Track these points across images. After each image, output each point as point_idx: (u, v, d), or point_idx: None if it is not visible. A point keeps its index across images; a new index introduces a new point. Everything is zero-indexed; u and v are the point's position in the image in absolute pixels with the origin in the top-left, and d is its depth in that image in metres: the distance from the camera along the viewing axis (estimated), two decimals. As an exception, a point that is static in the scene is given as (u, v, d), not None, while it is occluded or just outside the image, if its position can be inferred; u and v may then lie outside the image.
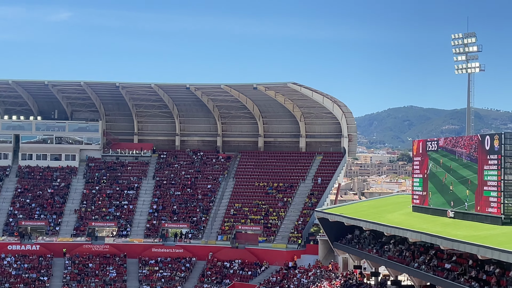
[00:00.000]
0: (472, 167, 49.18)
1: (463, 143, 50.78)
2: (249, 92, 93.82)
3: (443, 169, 53.56)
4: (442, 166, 53.66)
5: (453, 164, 51.96)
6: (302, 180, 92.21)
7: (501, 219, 45.44)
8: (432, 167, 55.30)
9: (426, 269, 49.75)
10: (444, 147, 53.79)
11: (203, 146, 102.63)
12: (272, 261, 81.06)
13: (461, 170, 50.68)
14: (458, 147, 51.33)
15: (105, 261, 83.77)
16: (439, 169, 54.25)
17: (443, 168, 53.50)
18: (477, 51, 79.52)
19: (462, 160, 50.47)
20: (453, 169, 51.87)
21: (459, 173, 50.91)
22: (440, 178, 53.99)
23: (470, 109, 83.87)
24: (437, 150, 54.91)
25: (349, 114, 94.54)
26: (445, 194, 53.28)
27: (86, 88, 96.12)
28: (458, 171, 51.04)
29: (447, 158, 52.91)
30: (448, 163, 52.72)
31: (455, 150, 51.80)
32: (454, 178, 51.45)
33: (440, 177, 53.99)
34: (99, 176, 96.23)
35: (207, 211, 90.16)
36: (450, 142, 53.20)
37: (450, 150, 52.59)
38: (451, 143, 52.96)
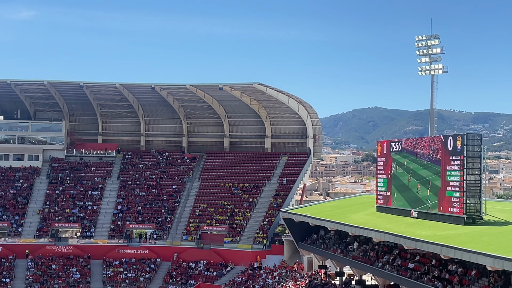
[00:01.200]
0: (432, 168, 49.73)
1: (423, 144, 51.34)
2: (214, 92, 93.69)
3: (404, 170, 54.08)
4: (403, 167, 54.20)
5: (413, 165, 52.53)
6: (268, 181, 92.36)
7: (463, 219, 45.97)
8: (396, 167, 55.76)
9: (390, 268, 50.13)
10: (405, 148, 54.32)
11: (168, 147, 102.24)
12: (238, 262, 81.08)
13: (421, 171, 51.25)
14: (418, 148, 51.87)
15: (68, 262, 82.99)
16: (401, 170, 54.74)
17: (404, 169, 54.03)
18: (440, 53, 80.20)
19: (422, 161, 51.00)
20: (413, 170, 52.41)
21: (420, 174, 51.46)
22: (403, 179, 54.47)
23: (433, 110, 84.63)
24: (401, 151, 55.41)
25: (314, 114, 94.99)
26: (408, 195, 53.76)
27: (50, 88, 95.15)
28: (419, 172, 51.58)
29: (408, 159, 53.43)
30: (409, 164, 53.27)
31: (415, 152, 52.33)
32: (415, 179, 51.99)
33: (403, 177, 54.49)
34: (62, 177, 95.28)
35: (172, 212, 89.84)
36: (411, 143, 53.71)
37: (411, 151, 53.14)
38: (411, 144, 53.49)
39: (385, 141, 59.93)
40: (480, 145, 45.95)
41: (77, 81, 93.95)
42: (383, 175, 58.29)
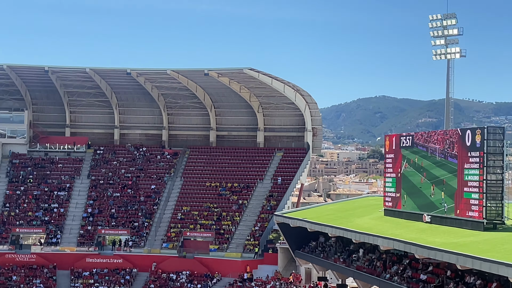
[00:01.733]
0: (446, 166, 49.67)
1: (437, 138, 51.20)
2: (199, 79, 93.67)
3: (414, 168, 54.02)
4: (413, 165, 54.16)
5: (425, 162, 52.44)
6: (260, 180, 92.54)
7: (483, 224, 46.05)
8: (405, 165, 55.77)
9: (399, 280, 50.27)
10: (416, 142, 54.29)
11: (146, 141, 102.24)
12: (225, 273, 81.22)
13: (434, 170, 51.16)
14: (430, 142, 51.76)
15: (31, 273, 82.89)
16: (411, 169, 54.70)
17: (415, 168, 53.97)
18: (458, 34, 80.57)
19: (435, 157, 50.93)
20: (425, 168, 52.36)
21: (432, 173, 51.39)
22: (414, 179, 54.46)
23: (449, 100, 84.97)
24: (412, 146, 55.44)
25: (314, 105, 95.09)
26: (420, 196, 53.82)
27: (10, 73, 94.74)
28: (431, 170, 51.52)
29: (419, 155, 53.36)
30: (420, 161, 53.23)
31: (427, 146, 52.26)
32: (427, 179, 51.94)
33: (414, 177, 54.47)
34: (24, 175, 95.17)
35: (151, 216, 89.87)
36: (422, 137, 53.58)
37: (422, 146, 53.06)
38: (422, 138, 53.35)
39: (394, 135, 59.96)
40: (502, 140, 46.01)
41: (41, 65, 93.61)
42: (392, 174, 58.33)
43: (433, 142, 51.44)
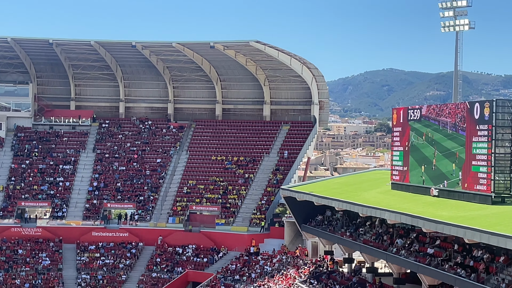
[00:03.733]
0: (458, 139, 49.52)
1: (448, 111, 50.98)
2: (205, 51, 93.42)
3: (426, 141, 53.94)
4: (425, 138, 54.06)
5: (436, 135, 52.29)
6: (266, 154, 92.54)
7: (491, 198, 46.02)
8: (414, 138, 55.69)
9: (406, 254, 50.37)
10: (427, 116, 54.11)
11: (151, 114, 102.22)
12: (232, 247, 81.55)
13: (445, 142, 50.98)
14: (442, 116, 51.61)
15: (37, 246, 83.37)
16: (422, 141, 54.62)
17: (427, 141, 53.87)
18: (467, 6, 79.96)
19: (447, 131, 50.78)
20: (436, 141, 52.25)
21: (444, 146, 51.25)
22: (425, 151, 54.33)
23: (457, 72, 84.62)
24: (420, 119, 55.29)
25: (320, 78, 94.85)
26: (429, 170, 53.79)
27: (14, 45, 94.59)
28: (443, 143, 51.36)
29: (431, 128, 53.22)
30: (431, 134, 53.09)
31: (439, 120, 52.09)
32: (439, 152, 51.86)
33: (425, 149, 54.33)
34: (29, 148, 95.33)
35: (156, 189, 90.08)
36: (434, 110, 53.35)
37: (434, 119, 52.89)
38: (434, 111, 53.15)
39: (401, 108, 59.84)
40: (511, 113, 45.89)
41: (46, 37, 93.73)
42: (399, 148, 58.26)
43: (445, 116, 51.23)
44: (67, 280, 79.71)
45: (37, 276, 79.31)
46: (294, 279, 65.93)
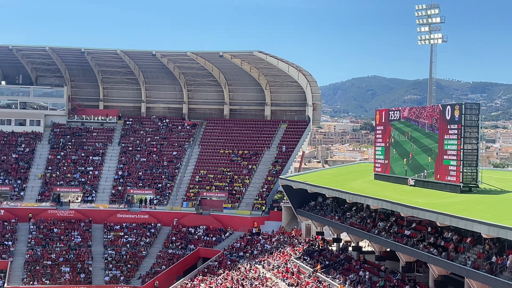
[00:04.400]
0: (433, 137, 49.53)
1: (426, 114, 51.00)
2: (215, 60, 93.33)
3: (407, 138, 53.86)
4: (407, 136, 53.97)
5: (416, 134, 52.28)
6: (267, 148, 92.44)
7: (459, 187, 46.04)
8: (396, 136, 55.61)
9: (386, 235, 50.38)
10: (408, 117, 54.01)
11: (168, 113, 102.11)
12: (237, 227, 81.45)
13: (423, 140, 51.02)
14: (421, 117, 51.58)
15: (70, 226, 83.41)
16: (403, 138, 54.54)
17: (408, 138, 53.80)
18: (440, 22, 79.87)
19: (425, 130, 50.79)
20: (416, 139, 52.22)
21: (422, 142, 51.24)
22: (405, 147, 54.28)
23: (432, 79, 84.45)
24: (400, 119, 55.20)
25: (314, 83, 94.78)
26: (407, 163, 53.77)
27: (51, 54, 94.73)
28: (421, 140, 51.35)
29: (411, 128, 53.14)
30: (412, 132, 53.04)
31: (418, 121, 52.05)
32: (417, 147, 51.83)
33: (404, 146, 54.30)
34: (64, 142, 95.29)
35: (173, 178, 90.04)
36: (414, 113, 53.27)
37: (414, 120, 52.86)
38: (415, 114, 53.07)
39: (383, 109, 59.68)
40: (477, 115, 45.82)
41: (78, 47, 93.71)
42: (381, 144, 58.25)
43: (423, 118, 51.15)
44: (95, 255, 79.73)
45: (69, 251, 79.36)
46: (290, 255, 65.94)
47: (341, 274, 55.51)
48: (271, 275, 62.95)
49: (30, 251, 78.80)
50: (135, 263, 78.71)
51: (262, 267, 66.15)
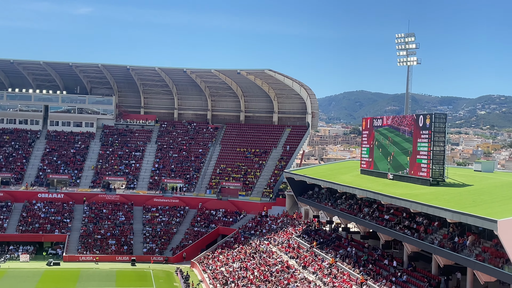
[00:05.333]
0: (411, 141, 49.36)
1: (406, 122, 50.79)
2: (233, 76, 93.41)
3: (390, 142, 53.76)
4: (390, 140, 53.87)
5: (397, 138, 52.05)
6: (274, 147, 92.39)
7: (429, 181, 46.04)
8: (380, 139, 55.48)
9: (370, 219, 50.39)
10: (391, 125, 53.79)
11: (196, 118, 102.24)
12: (249, 211, 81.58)
13: (403, 143, 50.81)
14: (402, 125, 51.38)
15: (116, 208, 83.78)
16: (386, 142, 54.43)
17: (390, 142, 53.70)
18: (415, 48, 79.28)
19: (405, 135, 50.65)
20: (397, 142, 52.06)
21: (402, 146, 51.09)
22: (387, 149, 54.16)
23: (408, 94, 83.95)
24: (382, 126, 55.08)
25: (313, 95, 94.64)
26: (389, 162, 53.67)
27: (103, 69, 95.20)
28: (402, 144, 51.18)
29: (393, 134, 52.99)
30: (394, 137, 52.85)
31: (399, 128, 51.88)
32: (398, 150, 51.71)
33: (388, 148, 54.14)
34: (112, 140, 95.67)
35: (198, 170, 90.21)
36: (396, 121, 53.04)
37: (396, 127, 52.66)
38: (397, 122, 52.87)
39: (368, 118, 59.68)
40: (444, 123, 45.82)
41: (124, 64, 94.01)
42: (367, 145, 58.23)
43: (404, 125, 50.90)
44: (136, 231, 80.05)
45: (115, 228, 79.72)
46: (291, 234, 66.01)
47: (332, 249, 55.58)
48: (276, 249, 63.06)
49: (84, 227, 79.23)
50: (167, 238, 78.93)
51: (269, 243, 66.25)
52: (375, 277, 45.59)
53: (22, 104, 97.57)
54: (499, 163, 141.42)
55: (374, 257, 49.41)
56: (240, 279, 57.40)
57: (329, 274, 49.99)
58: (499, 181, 45.06)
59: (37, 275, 65.72)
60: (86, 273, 67.45)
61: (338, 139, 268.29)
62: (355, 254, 51.77)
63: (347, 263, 50.60)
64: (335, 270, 50.56)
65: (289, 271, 54.57)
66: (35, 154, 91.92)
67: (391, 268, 46.12)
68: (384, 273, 45.90)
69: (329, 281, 48.51)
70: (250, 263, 61.50)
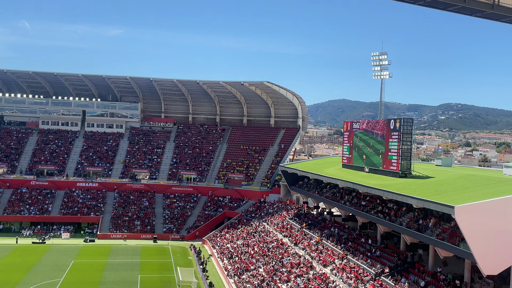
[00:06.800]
0: (382, 143, 49.31)
1: (379, 126, 50.80)
2: (238, 87, 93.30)
3: (365, 143, 53.73)
4: (364, 141, 53.87)
5: (372, 141, 52.06)
6: (271, 145, 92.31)
7: (398, 174, 46.03)
8: (359, 142, 55.44)
9: (349, 204, 50.36)
10: (366, 129, 53.74)
11: (207, 121, 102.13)
12: (250, 198, 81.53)
13: (377, 145, 50.85)
14: (375, 129, 51.35)
15: (141, 195, 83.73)
16: (363, 144, 54.41)
17: (365, 143, 53.67)
18: (388, 64, 79.32)
19: (378, 138, 50.65)
20: (372, 145, 52.03)
21: (375, 147, 51.10)
22: (364, 149, 54.08)
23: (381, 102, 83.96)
24: (360, 129, 55.01)
25: (303, 103, 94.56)
26: (364, 159, 53.64)
27: (130, 81, 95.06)
28: (375, 146, 51.22)
29: (368, 136, 52.99)
30: (368, 140, 52.83)
31: (373, 132, 51.86)
32: (372, 150, 51.67)
33: (364, 148, 54.08)
34: (138, 139, 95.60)
35: (209, 164, 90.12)
36: (370, 125, 52.98)
37: (370, 131, 52.62)
38: (370, 126, 52.84)
39: (349, 121, 59.60)
40: (411, 126, 45.78)
41: (148, 76, 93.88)
42: (347, 144, 58.18)
43: (377, 129, 50.84)
44: (157, 214, 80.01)
45: (140, 211, 79.64)
46: (285, 217, 65.94)
47: (319, 229, 55.53)
48: (272, 229, 63.04)
49: (114, 210, 79.21)
50: (183, 220, 78.90)
51: (267, 224, 66.21)
52: (354, 252, 45.58)
53: (64, 109, 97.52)
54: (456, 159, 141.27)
55: (353, 236, 49.40)
56: (243, 253, 57.39)
57: (316, 250, 49.97)
58: (456, 174, 45.05)
59: (76, 249, 65.76)
60: (116, 248, 67.45)
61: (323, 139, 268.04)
62: (337, 234, 51.75)
63: (331, 241, 50.58)
64: (321, 246, 50.54)
65: (283, 247, 54.56)
66: (74, 150, 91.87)
67: (367, 245, 46.12)
68: (361, 249, 45.90)
69: (316, 255, 48.50)
70: (251, 240, 61.49)
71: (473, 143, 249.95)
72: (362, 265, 42.54)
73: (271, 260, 51.83)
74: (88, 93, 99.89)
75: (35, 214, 76.83)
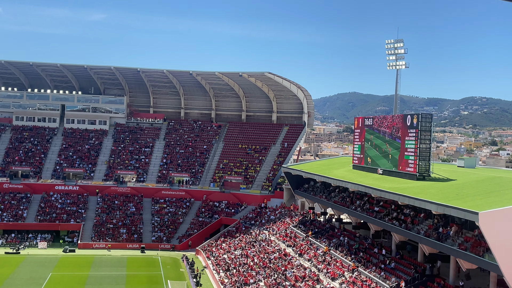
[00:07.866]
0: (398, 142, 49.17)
1: (394, 123, 50.59)
2: (236, 78, 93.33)
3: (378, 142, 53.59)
4: (377, 140, 53.75)
5: (386, 139, 51.68)
6: (273, 144, 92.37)
7: (416, 176, 46.02)
8: (370, 139, 55.43)
9: (361, 210, 50.40)
10: (379, 126, 53.43)
11: (201, 117, 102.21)
12: (250, 203, 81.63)
13: (391, 144, 50.28)
14: (390, 126, 51.18)
15: (127, 199, 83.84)
16: (374, 141, 54.30)
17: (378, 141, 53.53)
18: (404, 53, 79.27)
19: (392, 136, 50.51)
20: (386, 143, 51.81)
21: (390, 146, 50.67)
22: (374, 148, 54.10)
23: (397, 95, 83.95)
24: (373, 126, 55.00)
25: (309, 96, 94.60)
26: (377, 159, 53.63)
27: (115, 71, 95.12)
28: (390, 144, 50.88)
29: (381, 134, 52.82)
30: (382, 138, 52.59)
31: (387, 129, 51.62)
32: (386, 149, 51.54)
33: (375, 147, 54.07)
34: (123, 137, 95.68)
35: (203, 165, 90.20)
36: (385, 122, 52.59)
37: (384, 128, 52.45)
38: (385, 123, 52.51)
39: (360, 117, 59.57)
40: (430, 122, 45.77)
41: (135, 67, 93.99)
42: (358, 142, 58.19)
43: (392, 126, 50.33)
44: (145, 221, 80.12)
45: (126, 218, 79.78)
46: (289, 224, 66.04)
47: (326, 238, 55.61)
48: (274, 238, 63.11)
49: (97, 217, 79.30)
50: (174, 227, 79.00)
51: (268, 232, 66.29)
52: (366, 264, 45.63)
53: (40, 103, 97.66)
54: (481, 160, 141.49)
55: (365, 246, 49.45)
56: (241, 265, 57.47)
57: (323, 261, 50.04)
58: (480, 176, 45.06)
59: (54, 261, 65.84)
60: (99, 259, 67.54)
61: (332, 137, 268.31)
62: (347, 243, 51.80)
63: (340, 251, 50.64)
64: (329, 257, 50.61)
65: (286, 258, 54.63)
66: (52, 149, 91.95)
67: (380, 256, 46.17)
68: (374, 260, 45.95)
69: (323, 267, 48.56)
70: (251, 250, 61.56)
71: (500, 141, 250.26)
72: (375, 279, 42.60)
73: (273, 273, 51.89)
74: (67, 86, 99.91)
75: (8, 221, 76.91)
